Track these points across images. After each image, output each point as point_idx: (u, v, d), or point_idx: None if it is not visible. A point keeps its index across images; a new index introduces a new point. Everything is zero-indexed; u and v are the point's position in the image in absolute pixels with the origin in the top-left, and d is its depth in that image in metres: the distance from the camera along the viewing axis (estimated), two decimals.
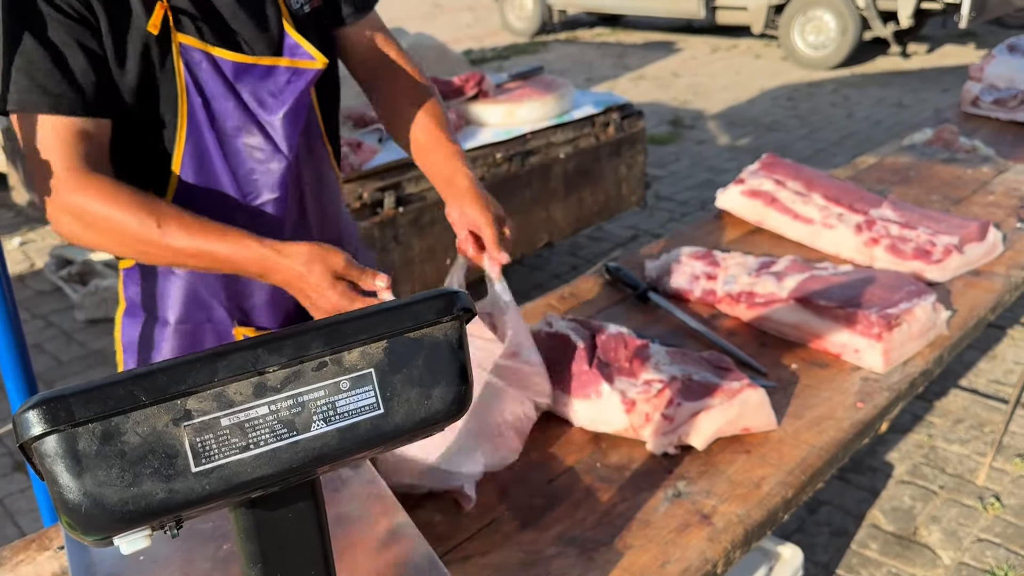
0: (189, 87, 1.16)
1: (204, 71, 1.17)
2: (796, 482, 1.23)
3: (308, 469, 0.50)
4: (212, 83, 1.17)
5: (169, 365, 0.46)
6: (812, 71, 8.31)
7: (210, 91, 1.18)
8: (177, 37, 1.13)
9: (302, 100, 1.24)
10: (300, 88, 1.23)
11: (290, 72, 1.22)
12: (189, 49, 1.15)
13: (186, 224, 1.10)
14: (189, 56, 1.15)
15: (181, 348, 1.35)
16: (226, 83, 1.18)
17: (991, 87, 3.08)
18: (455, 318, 0.53)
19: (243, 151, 1.22)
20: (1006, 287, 1.81)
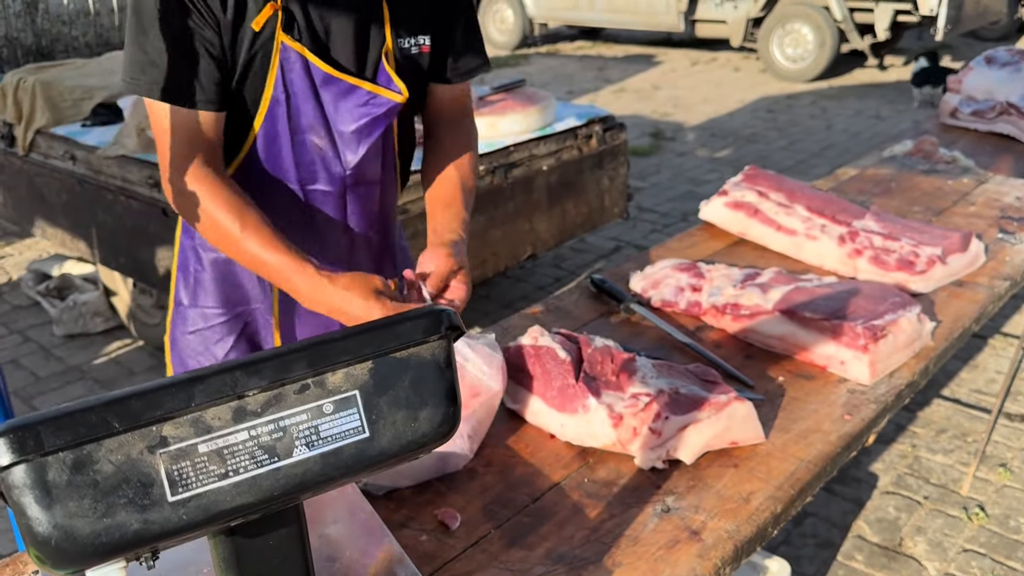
0: (278, 82, 1.28)
1: (296, 71, 1.29)
2: (785, 496, 1.22)
3: (290, 496, 0.47)
4: (299, 83, 1.30)
5: (144, 390, 0.44)
6: (791, 83, 8.39)
7: (295, 89, 1.30)
8: (280, 36, 1.25)
9: (375, 123, 1.36)
10: (374, 113, 1.35)
11: (370, 96, 1.34)
12: (288, 48, 1.27)
13: (262, 235, 1.22)
14: (286, 54, 1.27)
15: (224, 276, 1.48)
16: (312, 86, 1.31)
17: (969, 99, 3.11)
18: (443, 337, 0.51)
19: (309, 146, 1.36)
20: (989, 297, 1.82)
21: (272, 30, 1.24)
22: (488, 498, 1.23)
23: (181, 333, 1.55)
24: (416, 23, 1.38)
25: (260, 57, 1.26)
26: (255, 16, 1.22)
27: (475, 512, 1.20)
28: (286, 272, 1.21)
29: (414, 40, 1.38)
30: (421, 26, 1.38)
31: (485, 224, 3.34)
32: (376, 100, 1.34)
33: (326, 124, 1.34)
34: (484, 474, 1.28)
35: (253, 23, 1.22)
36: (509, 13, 10.80)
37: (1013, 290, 1.93)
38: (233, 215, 1.23)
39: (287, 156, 1.35)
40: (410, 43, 1.37)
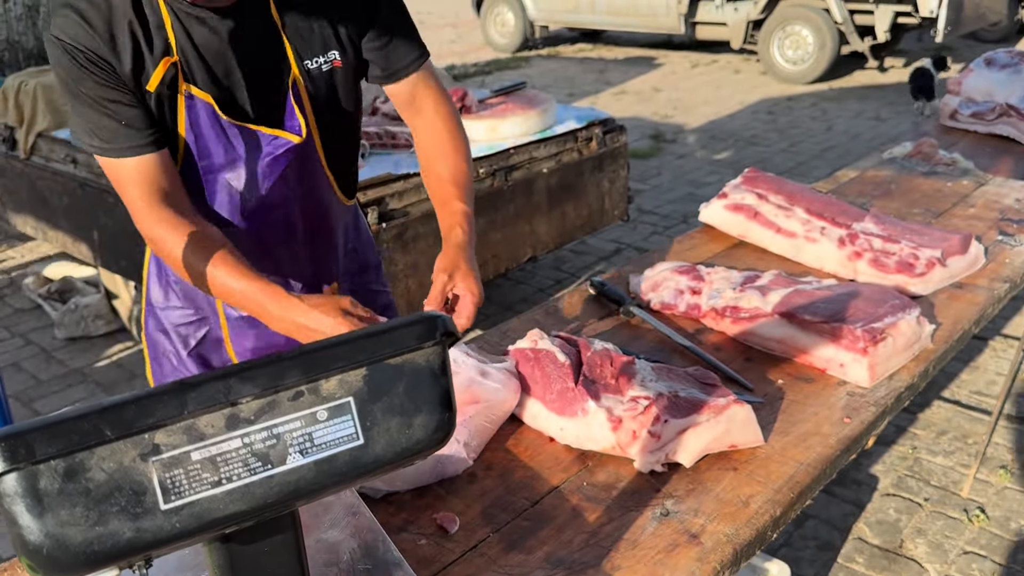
0: (187, 128, 1.34)
1: (202, 117, 1.33)
2: (784, 500, 1.22)
3: (284, 504, 0.47)
4: (207, 128, 1.35)
5: (136, 397, 0.43)
6: (791, 85, 8.39)
7: (204, 132, 1.35)
8: (183, 85, 1.30)
9: (277, 162, 1.40)
10: (275, 153, 1.39)
11: (271, 138, 1.38)
12: (192, 96, 1.31)
13: (228, 265, 1.26)
14: (191, 102, 1.32)
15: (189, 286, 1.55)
16: (219, 128, 1.35)
17: (969, 100, 3.11)
18: (437, 343, 0.51)
19: (223, 184, 1.41)
20: (989, 300, 1.81)
21: (173, 80, 1.29)
22: (487, 502, 1.23)
23: (154, 330, 1.65)
24: (319, 43, 1.39)
25: (167, 106, 1.31)
26: (151, 74, 1.27)
27: (474, 516, 1.20)
28: (256, 297, 1.25)
29: (323, 59, 1.39)
30: (325, 44, 1.39)
31: (485, 226, 3.34)
32: (276, 141, 1.38)
33: (238, 160, 1.39)
34: (483, 478, 1.28)
35: (148, 85, 1.27)
36: (510, 16, 10.81)
37: (1013, 292, 1.93)
38: (198, 252, 1.27)
39: (207, 193, 1.42)
40: (318, 63, 1.39)
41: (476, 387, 1.33)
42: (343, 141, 1.55)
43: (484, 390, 1.33)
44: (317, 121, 1.44)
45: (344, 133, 1.54)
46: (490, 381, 1.35)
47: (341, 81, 1.45)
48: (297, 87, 1.38)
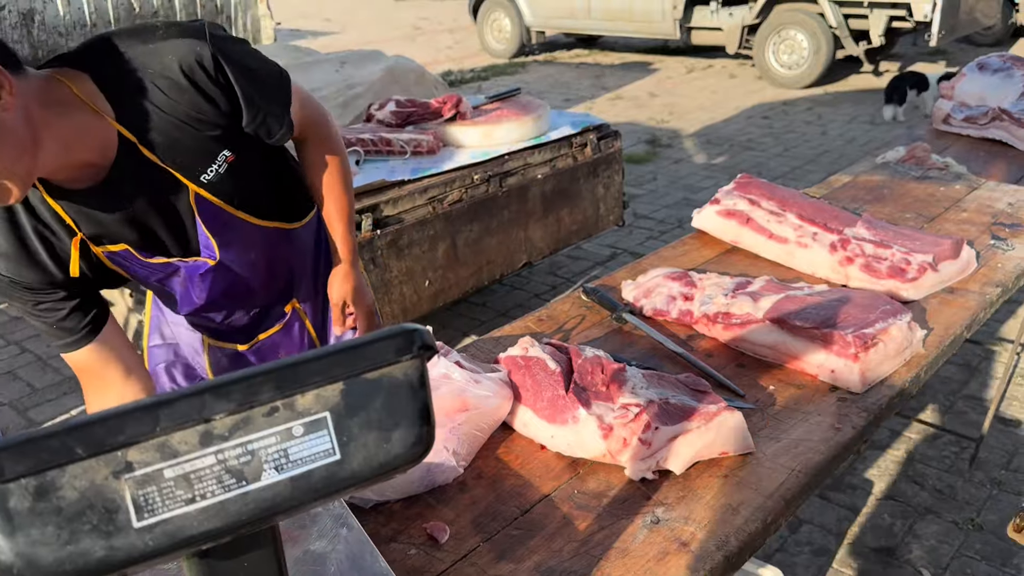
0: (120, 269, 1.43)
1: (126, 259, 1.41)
2: (775, 507, 1.22)
3: (260, 520, 0.47)
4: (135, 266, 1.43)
5: (108, 415, 0.43)
6: (786, 90, 8.41)
7: (134, 270, 1.45)
8: (97, 250, 1.36)
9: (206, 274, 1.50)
10: (201, 271, 1.48)
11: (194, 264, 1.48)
12: (110, 253, 1.38)
13: None
14: (113, 256, 1.39)
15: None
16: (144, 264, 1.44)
17: (962, 105, 3.12)
18: (415, 357, 0.51)
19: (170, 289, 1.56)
20: (981, 304, 1.82)
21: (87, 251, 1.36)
22: (477, 511, 1.22)
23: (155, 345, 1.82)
24: (203, 155, 1.35)
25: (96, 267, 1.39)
26: (70, 262, 1.34)
27: (464, 525, 1.19)
28: None
29: (215, 166, 1.37)
30: (210, 152, 1.36)
31: (481, 232, 3.34)
32: (196, 264, 1.47)
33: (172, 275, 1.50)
34: (474, 486, 1.28)
35: (72, 271, 1.35)
36: (507, 22, 10.83)
37: (1005, 296, 1.93)
38: None
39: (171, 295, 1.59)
40: (212, 170, 1.37)
41: (466, 395, 1.33)
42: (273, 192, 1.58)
43: (474, 398, 1.33)
44: (242, 207, 1.47)
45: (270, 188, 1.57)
46: (481, 389, 1.35)
47: (246, 167, 1.43)
48: (203, 200, 1.39)
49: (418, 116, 3.49)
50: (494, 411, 1.36)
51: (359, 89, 3.87)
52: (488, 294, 4.24)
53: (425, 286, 3.17)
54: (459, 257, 3.28)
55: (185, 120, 1.29)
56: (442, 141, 3.43)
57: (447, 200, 3.17)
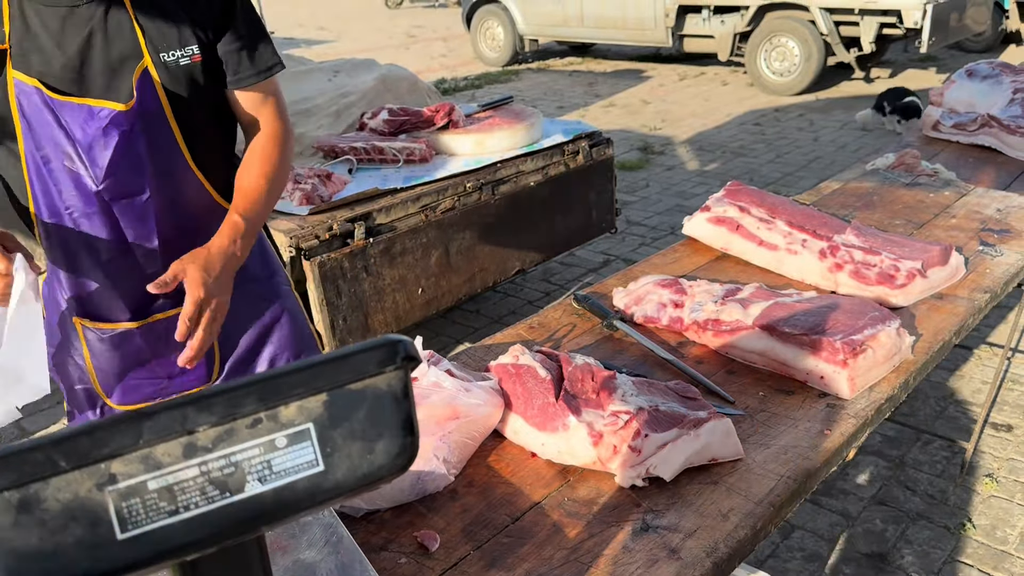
0: (20, 115, 1.36)
1: (33, 102, 1.35)
2: (764, 513, 1.22)
3: (244, 531, 0.48)
4: (37, 114, 1.36)
5: (92, 427, 0.44)
6: (778, 97, 8.45)
7: (36, 119, 1.37)
8: (11, 72, 1.32)
9: (107, 134, 1.40)
10: (101, 124, 1.39)
11: (98, 109, 1.39)
12: (19, 83, 1.34)
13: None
14: (20, 88, 1.34)
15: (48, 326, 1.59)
16: (51, 112, 1.37)
17: (951, 111, 3.14)
18: (399, 368, 0.51)
19: (63, 172, 1.42)
20: (969, 310, 1.83)
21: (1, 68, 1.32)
22: (468, 519, 1.23)
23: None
24: (175, 37, 1.43)
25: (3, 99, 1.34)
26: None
27: (455, 533, 1.20)
28: None
29: (180, 52, 1.43)
30: (182, 39, 1.44)
31: (473, 240, 3.35)
32: (102, 112, 1.39)
33: (73, 145, 1.40)
34: (465, 494, 1.29)
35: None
36: (500, 30, 10.87)
37: (994, 302, 1.94)
38: None
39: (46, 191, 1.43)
40: (175, 55, 1.43)
41: (457, 403, 1.33)
42: (211, 137, 1.57)
43: (465, 406, 1.34)
44: (174, 111, 1.45)
45: (211, 130, 1.57)
46: (472, 397, 1.36)
47: (201, 77, 1.48)
48: (148, 76, 1.40)
49: (411, 124, 3.50)
50: (485, 419, 1.37)
51: (352, 98, 3.88)
52: (481, 301, 4.24)
53: (418, 294, 3.18)
54: (452, 265, 3.29)
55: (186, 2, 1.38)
56: (435, 149, 3.45)
57: (440, 208, 3.18)
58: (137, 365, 1.63)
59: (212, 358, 1.69)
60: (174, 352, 1.54)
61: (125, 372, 1.62)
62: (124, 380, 1.63)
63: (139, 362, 1.63)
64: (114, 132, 1.40)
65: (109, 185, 1.44)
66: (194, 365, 1.42)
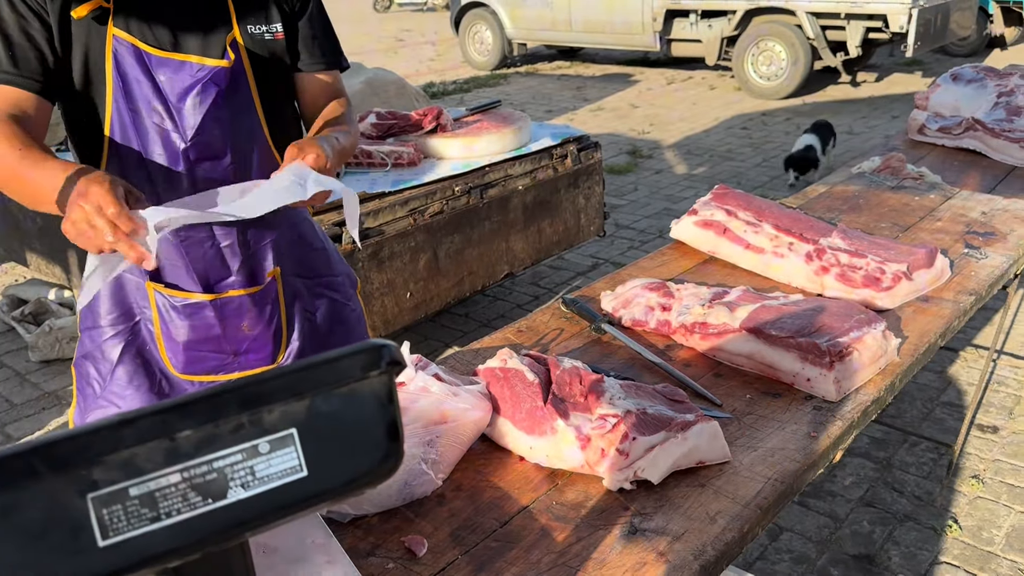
0: (114, 70, 1.39)
1: (127, 60, 1.39)
2: (751, 516, 1.23)
3: (226, 538, 0.47)
4: (133, 70, 1.40)
5: (72, 433, 0.44)
6: (765, 101, 8.49)
7: (131, 75, 1.40)
8: (112, 29, 1.36)
9: (205, 90, 1.44)
10: (202, 78, 1.43)
11: (198, 67, 1.44)
12: (118, 39, 1.37)
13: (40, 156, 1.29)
14: (117, 44, 1.38)
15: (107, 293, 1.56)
16: (145, 71, 1.40)
17: (936, 115, 3.16)
18: (383, 372, 0.51)
19: (152, 129, 1.44)
20: (955, 312, 1.84)
21: (102, 23, 1.36)
22: (456, 523, 1.23)
23: (79, 357, 1.64)
24: (263, 13, 1.52)
25: (94, 50, 1.36)
26: (80, 5, 1.32)
27: (443, 538, 1.19)
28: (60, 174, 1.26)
29: (265, 27, 1.51)
30: (268, 16, 1.52)
31: (462, 243, 3.35)
32: (203, 68, 1.44)
33: (164, 103, 1.43)
34: (452, 499, 1.28)
35: (73, 12, 1.32)
36: (488, 34, 10.89)
37: (978, 305, 1.96)
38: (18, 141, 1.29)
39: (136, 145, 1.45)
40: (261, 29, 1.50)
41: (445, 407, 1.33)
42: (287, 116, 1.63)
43: (453, 410, 1.34)
44: (256, 83, 1.51)
45: (288, 109, 1.64)
46: (459, 402, 1.36)
47: (282, 55, 1.56)
48: (236, 44, 1.47)
49: (399, 128, 3.50)
50: (473, 423, 1.37)
51: None
52: (470, 305, 4.24)
53: (407, 298, 3.17)
54: (440, 268, 3.29)
55: None
56: (423, 153, 3.44)
57: (428, 212, 3.18)
58: (206, 338, 1.62)
59: (280, 340, 1.71)
60: (242, 331, 1.63)
61: (193, 343, 1.61)
62: (191, 351, 1.62)
63: (208, 336, 1.62)
64: (210, 89, 1.45)
65: (196, 144, 1.47)
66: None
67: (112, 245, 1.16)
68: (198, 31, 1.45)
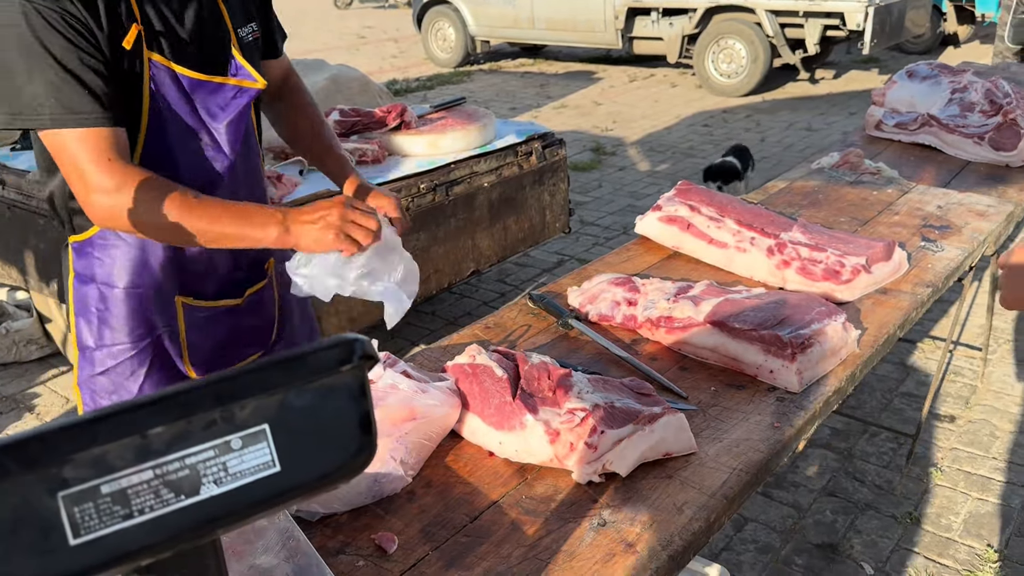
0: (154, 94, 1.38)
1: (166, 83, 1.38)
2: (717, 505, 1.24)
3: (199, 534, 0.47)
4: (172, 93, 1.39)
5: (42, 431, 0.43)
6: (726, 98, 8.58)
7: (169, 98, 1.39)
8: (147, 54, 1.35)
9: (244, 113, 1.50)
10: (242, 103, 1.48)
11: (235, 90, 1.47)
12: (155, 64, 1.36)
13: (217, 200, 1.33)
14: (155, 69, 1.37)
15: (130, 310, 1.52)
16: (183, 94, 1.41)
17: (893, 111, 3.23)
18: (356, 367, 0.51)
19: (194, 150, 1.45)
20: (912, 304, 1.88)
21: (139, 48, 1.34)
22: (426, 520, 1.23)
23: (90, 376, 1.56)
24: (245, 12, 1.54)
25: (133, 74, 1.35)
26: (124, 36, 1.30)
27: (413, 534, 1.20)
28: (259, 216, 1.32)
29: (248, 28, 1.53)
30: (248, 15, 1.55)
31: (428, 241, 3.34)
32: (241, 92, 1.47)
33: (203, 125, 1.45)
34: (423, 495, 1.29)
35: (124, 42, 1.31)
36: (451, 31, 10.85)
37: (935, 296, 2.00)
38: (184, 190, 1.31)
39: (174, 161, 1.43)
40: (246, 32, 1.52)
41: (414, 404, 1.33)
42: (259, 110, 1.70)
43: (422, 407, 1.34)
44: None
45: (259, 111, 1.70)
46: (428, 398, 1.36)
47: (259, 51, 1.58)
48: (236, 52, 1.49)
49: (362, 125, 3.48)
50: (442, 419, 1.37)
51: None
52: (437, 303, 4.23)
53: None
54: None
55: None
56: (387, 150, 3.43)
57: None
58: (229, 341, 1.64)
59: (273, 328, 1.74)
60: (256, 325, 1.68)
61: (218, 347, 1.63)
62: (216, 354, 1.62)
63: (236, 336, 1.64)
64: (247, 110, 1.51)
65: (240, 160, 1.52)
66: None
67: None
68: (214, 43, 1.46)
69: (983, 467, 2.77)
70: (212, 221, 1.31)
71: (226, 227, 1.32)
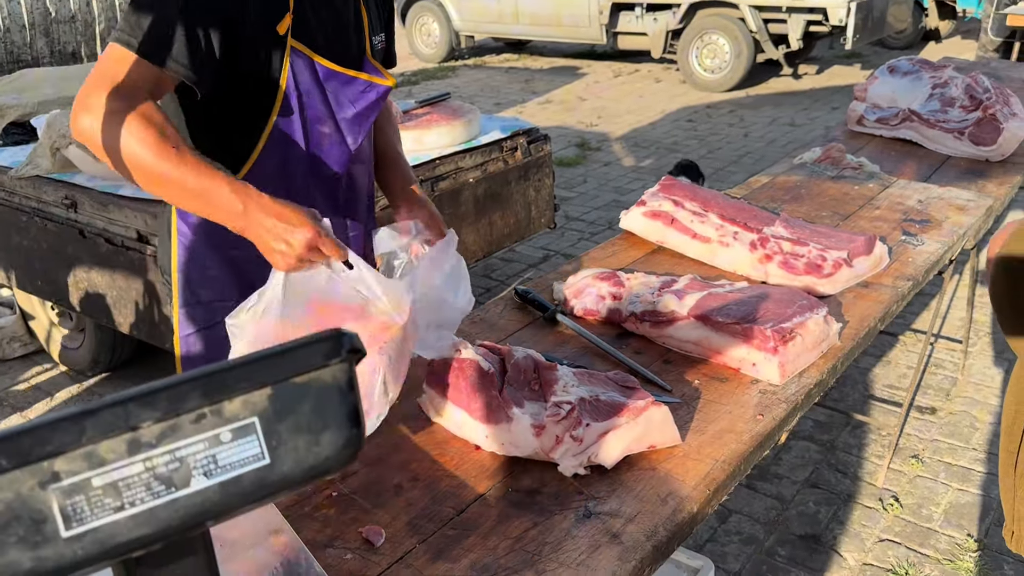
0: (290, 81, 1.45)
1: (303, 71, 1.46)
2: (701, 496, 1.26)
3: (190, 526, 0.48)
4: (306, 81, 1.47)
5: (33, 426, 0.44)
6: (710, 93, 8.62)
7: (304, 86, 1.47)
8: (291, 41, 1.43)
9: (372, 108, 1.58)
10: (371, 98, 1.56)
11: (366, 84, 1.55)
12: (296, 51, 1.44)
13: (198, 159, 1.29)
14: (295, 57, 1.45)
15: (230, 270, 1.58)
16: (316, 83, 1.49)
17: (874, 106, 3.26)
18: (344, 360, 0.52)
19: (319, 136, 1.54)
20: (893, 297, 1.91)
21: (286, 35, 1.42)
22: (413, 512, 1.24)
23: (189, 334, 1.63)
24: (378, 23, 1.64)
25: (276, 58, 1.42)
26: (279, 21, 1.40)
27: (400, 527, 1.20)
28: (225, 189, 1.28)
29: (379, 37, 1.63)
30: (380, 25, 1.65)
31: None
32: (371, 87, 1.56)
33: (331, 114, 1.53)
34: (410, 489, 1.29)
35: (279, 27, 1.40)
36: (436, 26, 10.83)
37: (916, 289, 2.03)
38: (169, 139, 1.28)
39: (300, 144, 1.52)
40: (377, 40, 1.62)
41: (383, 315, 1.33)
42: None
43: (389, 316, 1.33)
44: None
45: None
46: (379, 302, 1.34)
47: (383, 60, 1.67)
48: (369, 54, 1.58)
49: None
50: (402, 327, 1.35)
51: None
52: None
53: None
54: None
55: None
56: None
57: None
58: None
59: None
60: None
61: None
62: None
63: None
64: (377, 107, 1.58)
65: (357, 153, 1.61)
66: None
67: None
68: (355, 42, 1.55)
69: (963, 458, 2.81)
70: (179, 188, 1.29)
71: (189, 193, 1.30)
